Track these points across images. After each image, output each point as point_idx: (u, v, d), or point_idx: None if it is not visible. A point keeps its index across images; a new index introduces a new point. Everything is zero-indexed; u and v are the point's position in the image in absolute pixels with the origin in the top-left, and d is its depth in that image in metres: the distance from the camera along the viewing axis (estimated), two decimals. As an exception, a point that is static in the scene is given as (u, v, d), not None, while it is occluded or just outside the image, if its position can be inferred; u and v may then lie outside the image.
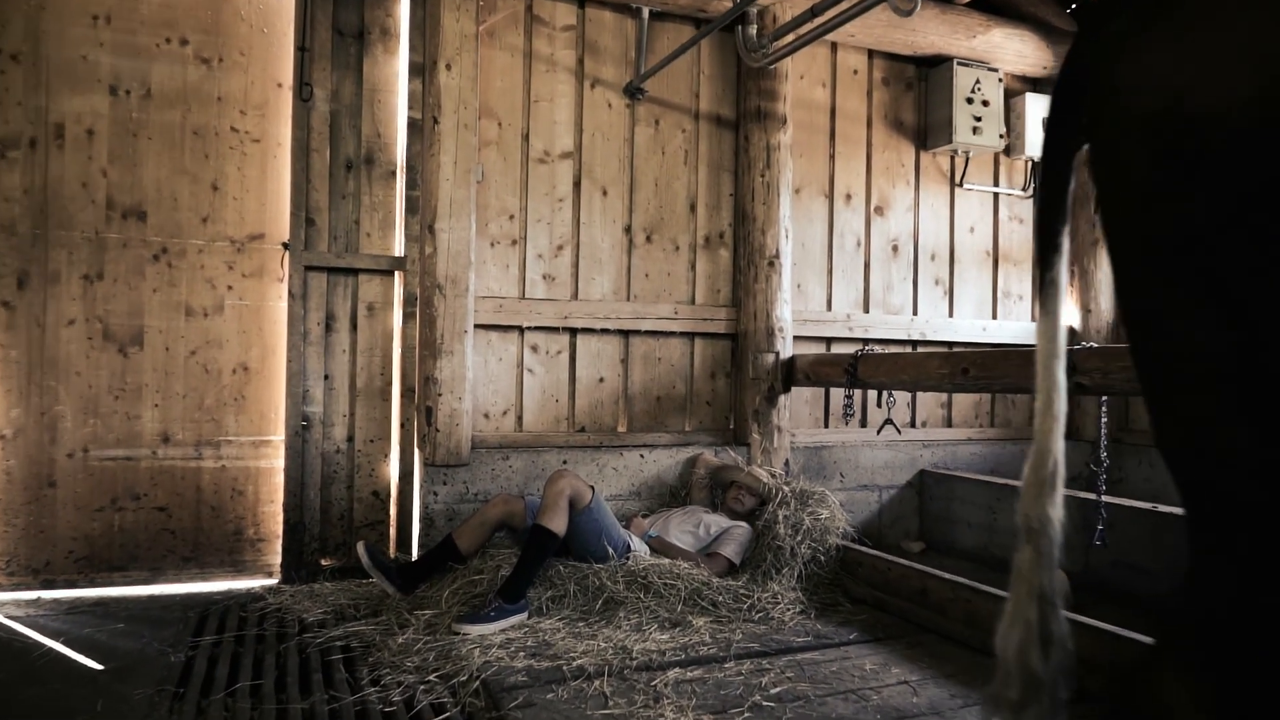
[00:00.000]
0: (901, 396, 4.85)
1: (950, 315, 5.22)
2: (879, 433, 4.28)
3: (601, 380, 4.40)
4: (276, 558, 3.92)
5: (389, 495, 4.08)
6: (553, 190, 4.32)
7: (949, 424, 5.22)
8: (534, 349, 4.27)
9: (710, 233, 4.63)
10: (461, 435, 3.91)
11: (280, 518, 3.89)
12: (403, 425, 4.06)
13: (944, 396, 5.21)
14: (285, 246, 3.89)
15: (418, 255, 4.01)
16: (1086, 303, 5.35)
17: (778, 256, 4.52)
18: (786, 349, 4.54)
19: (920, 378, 3.62)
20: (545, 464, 4.10)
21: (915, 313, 5.12)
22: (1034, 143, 5.22)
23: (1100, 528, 3.01)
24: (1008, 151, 5.33)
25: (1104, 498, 3.01)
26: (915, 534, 4.91)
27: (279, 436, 3.93)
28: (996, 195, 5.36)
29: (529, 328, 4.24)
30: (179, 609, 3.50)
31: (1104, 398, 3.00)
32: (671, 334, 4.53)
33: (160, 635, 3.17)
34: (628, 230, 4.46)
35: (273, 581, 3.88)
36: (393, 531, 4.08)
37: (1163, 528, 3.52)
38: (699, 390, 4.59)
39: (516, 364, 4.24)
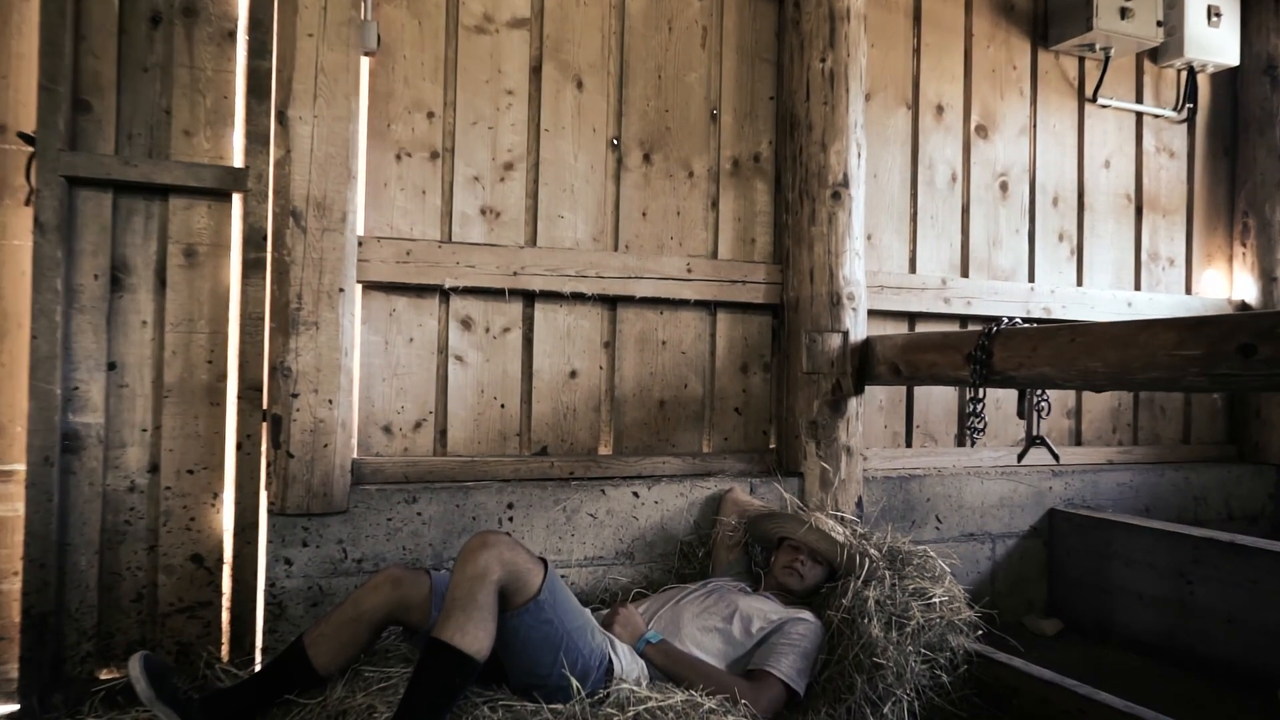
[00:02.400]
0: (992, 401, 3.25)
1: (1079, 284, 3.63)
2: (1020, 459, 2.69)
3: (574, 375, 2.83)
4: (16, 667, 2.33)
5: (220, 562, 2.49)
6: (497, 77, 2.75)
7: (1078, 441, 3.64)
8: (466, 324, 2.70)
9: (741, 153, 3.06)
10: (332, 462, 2.34)
11: (21, 603, 2.30)
12: (239, 445, 2.48)
13: (1070, 403, 3.62)
14: (29, 142, 2.31)
15: (266, 166, 2.44)
16: (1270, 268, 3.78)
17: (846, 185, 2.94)
18: (859, 328, 2.96)
19: (1128, 368, 2.02)
20: (479, 509, 2.53)
21: (1032, 279, 3.54)
22: (1196, 41, 3.65)
23: None
24: (1153, 57, 3.77)
25: None
26: (1043, 606, 3.32)
27: (23, 465, 2.34)
28: (1140, 116, 3.79)
29: (458, 289, 2.66)
30: None
31: None
32: (682, 303, 2.94)
33: None
34: (615, 144, 2.89)
35: (8, 710, 2.29)
36: (226, 621, 2.49)
37: None
38: (724, 390, 3.02)
39: (437, 348, 2.67)
